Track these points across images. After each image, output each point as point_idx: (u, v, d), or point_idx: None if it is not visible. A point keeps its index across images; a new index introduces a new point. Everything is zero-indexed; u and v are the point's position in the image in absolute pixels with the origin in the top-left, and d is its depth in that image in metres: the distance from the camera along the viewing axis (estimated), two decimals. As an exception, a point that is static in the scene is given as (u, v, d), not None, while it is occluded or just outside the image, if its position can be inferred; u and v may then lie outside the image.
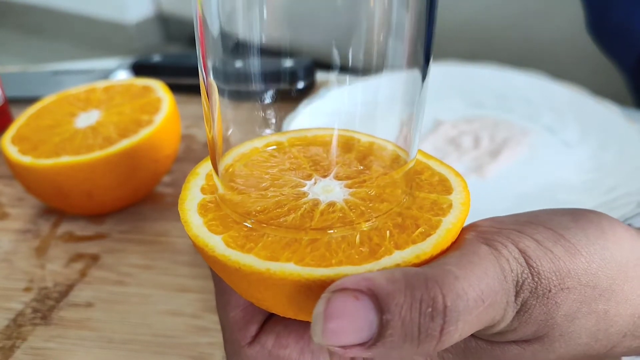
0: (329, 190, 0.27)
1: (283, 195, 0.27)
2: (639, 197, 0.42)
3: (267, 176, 0.28)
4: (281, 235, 0.24)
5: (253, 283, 0.24)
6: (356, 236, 0.24)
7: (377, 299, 0.21)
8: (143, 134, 0.44)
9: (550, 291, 0.23)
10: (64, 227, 0.47)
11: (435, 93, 0.59)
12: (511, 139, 0.52)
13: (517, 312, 0.23)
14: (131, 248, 0.44)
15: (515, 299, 0.23)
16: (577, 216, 0.26)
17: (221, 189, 0.27)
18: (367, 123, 0.29)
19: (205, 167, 0.29)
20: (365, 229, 0.25)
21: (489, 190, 0.47)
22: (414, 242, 0.24)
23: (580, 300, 0.24)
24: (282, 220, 0.25)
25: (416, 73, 0.26)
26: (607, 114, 0.53)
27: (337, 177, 0.28)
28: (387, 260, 0.23)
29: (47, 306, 0.39)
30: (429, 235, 0.24)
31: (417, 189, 0.27)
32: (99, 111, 0.47)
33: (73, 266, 0.43)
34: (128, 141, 0.43)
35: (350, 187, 0.27)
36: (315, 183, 0.27)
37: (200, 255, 0.26)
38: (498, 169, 0.49)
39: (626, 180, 0.45)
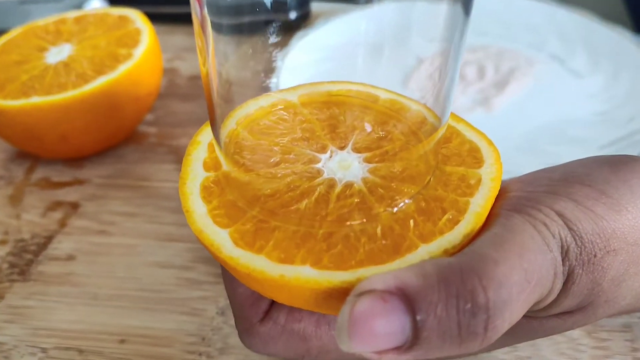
0: (346, 167, 0.24)
1: (295, 174, 0.24)
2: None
3: (276, 148, 0.25)
4: (294, 229, 0.22)
5: (267, 287, 0.22)
6: (377, 228, 0.22)
7: (408, 299, 0.18)
8: (121, 69, 0.41)
9: (595, 256, 0.21)
10: (39, 173, 0.43)
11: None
12: (517, 69, 0.49)
13: (564, 284, 0.21)
14: (113, 194, 0.41)
15: (563, 268, 0.21)
16: (618, 166, 0.23)
17: (225, 165, 0.24)
18: (376, 65, 0.26)
19: (206, 134, 0.26)
20: (385, 218, 0.22)
21: (496, 125, 0.44)
22: (441, 233, 0.21)
23: (628, 262, 0.21)
24: (294, 208, 0.22)
25: None
26: (619, 40, 0.50)
27: (355, 149, 0.25)
28: (413, 257, 0.21)
29: (24, 260, 0.36)
30: (457, 222, 0.22)
31: (444, 160, 0.24)
32: (70, 45, 0.43)
33: (51, 215, 0.40)
34: (105, 78, 0.40)
35: (369, 162, 0.24)
36: (330, 157, 0.24)
37: None
38: (505, 102, 0.46)
39: (644, 111, 0.42)
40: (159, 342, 0.31)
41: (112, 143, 0.44)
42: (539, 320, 0.23)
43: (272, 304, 0.25)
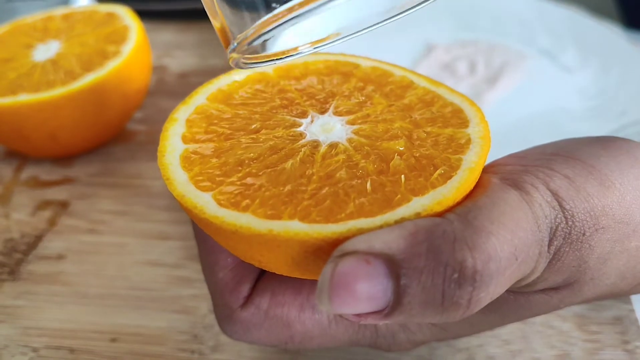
0: (328, 129, 0.24)
1: (277, 138, 0.23)
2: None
3: (256, 116, 0.25)
4: (281, 188, 0.21)
5: (253, 246, 0.21)
6: (367, 183, 0.21)
7: (393, 263, 0.18)
8: (110, 66, 0.40)
9: (584, 234, 0.21)
10: (28, 172, 0.43)
11: (423, 15, 0.55)
12: (508, 65, 0.49)
13: (549, 262, 0.21)
14: (103, 192, 0.41)
15: (549, 248, 0.21)
16: (607, 143, 0.23)
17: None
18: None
19: (183, 111, 0.26)
20: (374, 173, 0.21)
21: (488, 120, 0.44)
22: (433, 187, 0.21)
23: (614, 239, 0.22)
24: (280, 168, 0.22)
25: None
26: (608, 35, 0.50)
27: (337, 113, 0.24)
28: (405, 210, 0.20)
29: (14, 260, 0.36)
30: (450, 177, 0.21)
31: (430, 123, 0.24)
32: (58, 42, 0.43)
33: (40, 214, 0.39)
34: (94, 75, 0.39)
35: (352, 124, 0.24)
36: (312, 121, 0.24)
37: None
38: (497, 97, 0.46)
39: (634, 105, 0.42)
40: (151, 340, 0.31)
41: (101, 141, 0.44)
42: (525, 297, 0.23)
43: (253, 289, 0.25)
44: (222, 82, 0.27)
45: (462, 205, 0.20)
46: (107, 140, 0.44)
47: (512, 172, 0.22)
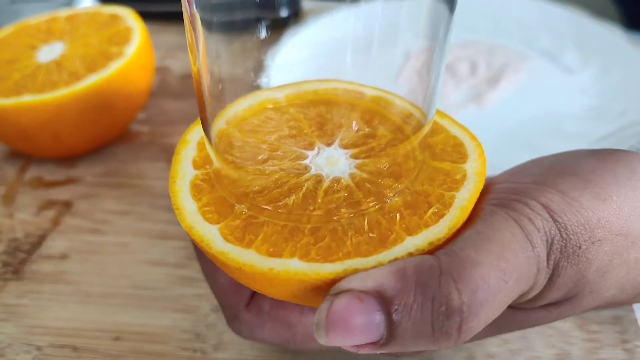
0: (333, 162, 0.24)
1: (283, 170, 0.24)
2: (650, 125, 0.39)
3: (264, 145, 0.25)
4: (282, 224, 0.22)
5: (256, 281, 0.22)
6: (364, 221, 0.22)
7: (384, 299, 0.19)
8: (113, 67, 0.40)
9: (580, 247, 0.21)
10: (32, 172, 0.43)
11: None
12: (509, 66, 0.49)
13: (549, 278, 0.21)
14: (106, 193, 0.41)
15: (547, 263, 0.21)
16: (604, 156, 0.23)
17: (216, 163, 0.24)
18: (367, 62, 0.26)
19: (195, 133, 0.26)
20: (372, 212, 0.22)
21: (489, 121, 0.44)
22: (426, 225, 0.22)
23: (612, 252, 0.22)
24: (283, 203, 0.23)
25: None
26: (609, 36, 0.50)
27: (342, 145, 0.25)
28: (399, 250, 0.21)
29: (18, 259, 0.36)
30: (442, 215, 0.22)
31: (430, 156, 0.25)
32: (62, 43, 0.43)
33: (44, 214, 0.39)
34: (97, 76, 0.40)
35: (356, 158, 0.24)
36: (318, 153, 0.25)
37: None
38: (497, 98, 0.46)
39: (635, 105, 0.42)
40: (154, 339, 0.32)
41: (104, 142, 0.44)
42: (524, 312, 0.23)
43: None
44: (238, 107, 0.27)
45: (451, 241, 0.21)
46: (111, 140, 0.45)
47: (502, 191, 0.22)
